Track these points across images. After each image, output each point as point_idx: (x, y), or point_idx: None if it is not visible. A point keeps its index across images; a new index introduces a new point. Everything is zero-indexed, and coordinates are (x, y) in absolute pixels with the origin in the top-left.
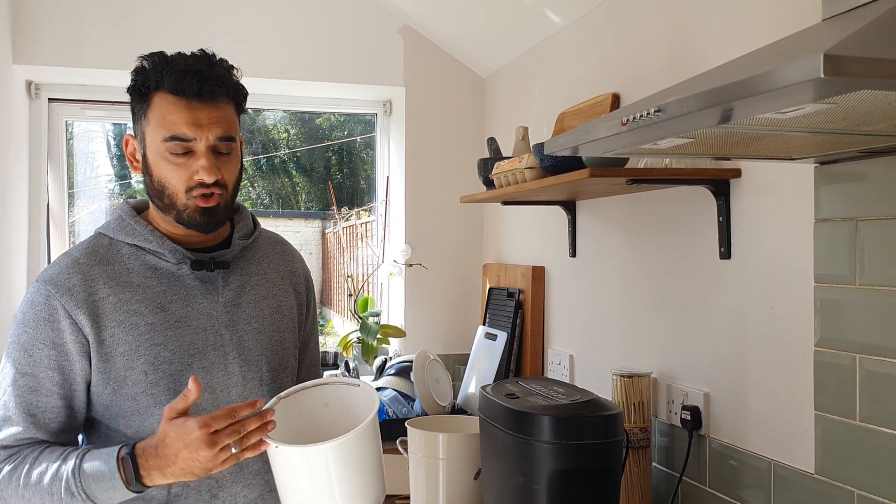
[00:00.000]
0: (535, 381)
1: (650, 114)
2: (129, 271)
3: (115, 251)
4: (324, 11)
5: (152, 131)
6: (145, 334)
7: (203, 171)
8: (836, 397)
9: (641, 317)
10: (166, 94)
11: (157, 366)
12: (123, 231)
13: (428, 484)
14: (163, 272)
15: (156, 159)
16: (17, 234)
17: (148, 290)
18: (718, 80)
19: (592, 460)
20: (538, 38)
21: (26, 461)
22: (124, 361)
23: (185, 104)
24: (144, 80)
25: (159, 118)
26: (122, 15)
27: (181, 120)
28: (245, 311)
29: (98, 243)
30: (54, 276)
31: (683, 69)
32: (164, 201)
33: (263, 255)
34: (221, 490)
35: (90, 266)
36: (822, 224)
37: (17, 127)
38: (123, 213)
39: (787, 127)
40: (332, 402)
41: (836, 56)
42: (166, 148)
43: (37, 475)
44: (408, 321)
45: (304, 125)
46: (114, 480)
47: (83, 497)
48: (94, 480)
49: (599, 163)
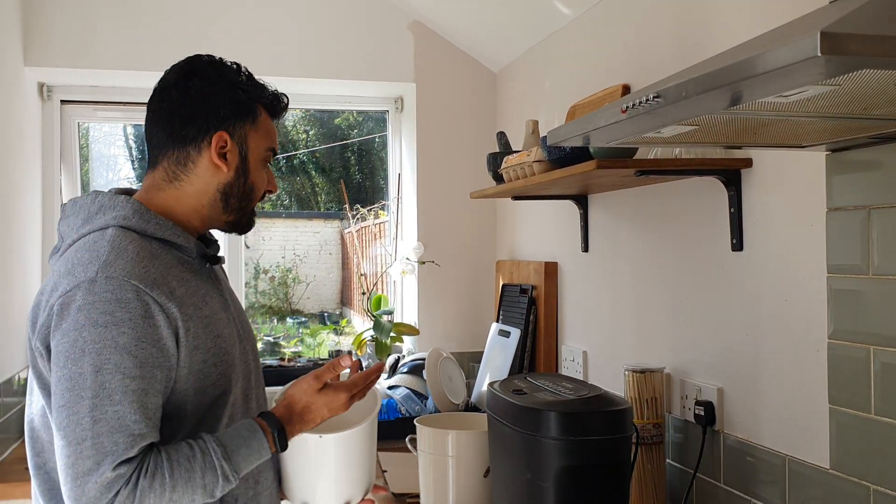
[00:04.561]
0: (544, 377)
1: (649, 100)
2: (170, 265)
3: (148, 244)
4: (334, 9)
5: (259, 138)
6: (208, 326)
7: (273, 182)
8: (850, 391)
9: (654, 311)
10: (264, 109)
11: (220, 357)
12: (150, 224)
13: (437, 482)
14: (190, 266)
15: (256, 165)
16: (31, 237)
17: (190, 283)
18: (717, 63)
19: (600, 456)
20: (549, 30)
21: (160, 464)
22: (201, 355)
23: (273, 123)
24: (251, 89)
25: (266, 129)
26: (133, 15)
27: (275, 135)
28: (236, 303)
29: (131, 237)
30: (133, 271)
31: (694, 58)
32: (241, 202)
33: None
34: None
35: (150, 258)
36: (835, 213)
37: (30, 129)
38: (137, 206)
39: (792, 111)
40: None
41: (833, 34)
42: (264, 157)
43: (183, 472)
44: (421, 319)
45: (322, 125)
46: (262, 450)
47: (235, 478)
48: (243, 458)
49: (607, 154)
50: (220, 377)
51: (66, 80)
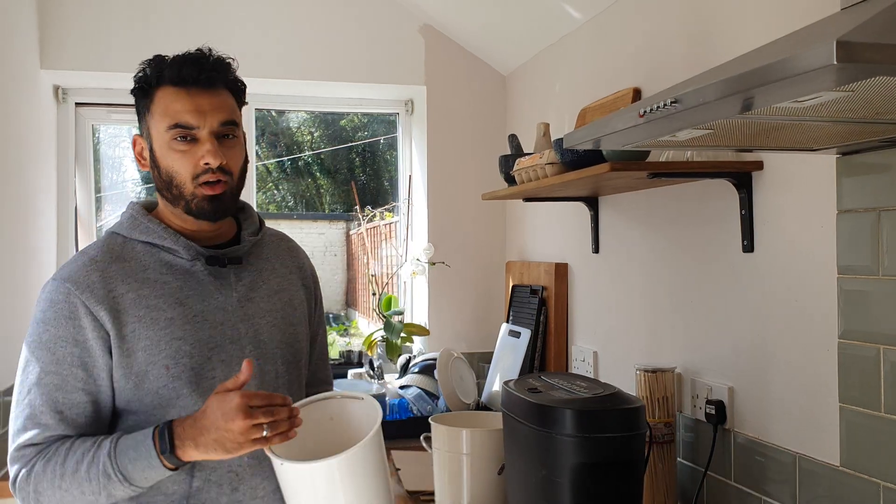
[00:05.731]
0: (558, 376)
1: (667, 105)
2: (146, 268)
3: (130, 249)
4: (345, 12)
5: (157, 123)
6: (165, 329)
7: (209, 155)
8: (860, 389)
9: (665, 312)
10: (167, 87)
11: (178, 360)
12: (137, 229)
13: (452, 479)
14: (178, 268)
15: (162, 151)
16: (47, 237)
17: (165, 285)
18: (734, 69)
19: (615, 453)
20: (559, 34)
21: (59, 453)
22: (146, 356)
23: (185, 93)
24: (146, 77)
25: (162, 109)
26: (147, 19)
27: (183, 108)
28: (259, 306)
29: (112, 242)
30: (72, 274)
31: (704, 62)
32: (172, 192)
33: (272, 251)
34: (241, 483)
35: (107, 263)
36: (845, 215)
37: (46, 131)
38: (135, 211)
39: (805, 116)
40: (336, 416)
41: (848, 42)
42: (171, 136)
43: (72, 464)
44: (431, 319)
45: (328, 127)
46: (150, 457)
47: (120, 478)
48: (129, 460)
49: (620, 157)
50: (174, 379)
51: (81, 82)
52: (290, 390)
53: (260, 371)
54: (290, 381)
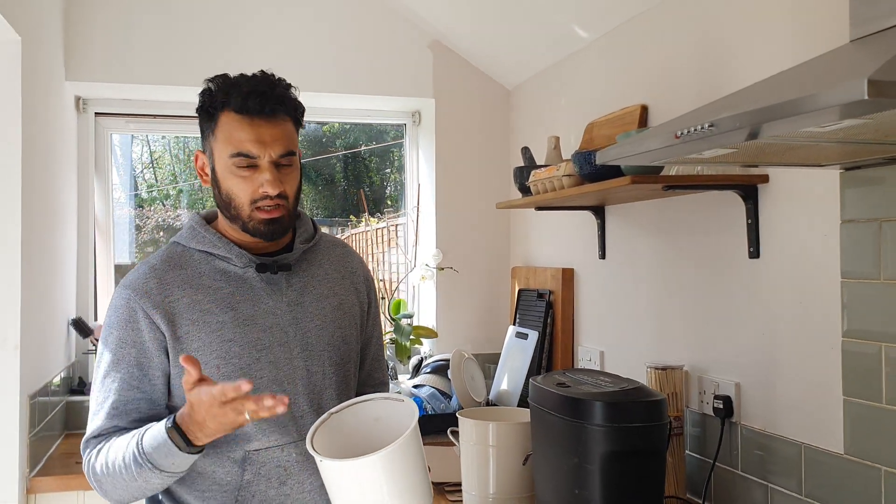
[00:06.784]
0: (582, 372)
1: (703, 128)
2: (201, 275)
3: (188, 257)
4: (360, 29)
5: (220, 148)
6: (216, 331)
7: (267, 185)
8: (863, 383)
9: (671, 314)
10: (232, 114)
11: (228, 360)
12: (194, 239)
13: (479, 470)
14: (231, 275)
15: (224, 173)
16: (68, 243)
17: (218, 291)
18: (767, 98)
19: (641, 442)
20: (565, 52)
21: (110, 444)
22: (198, 357)
23: (248, 122)
24: (211, 100)
25: (226, 136)
26: (169, 32)
27: (246, 137)
28: (308, 310)
29: (173, 251)
30: (133, 282)
31: (711, 83)
32: (230, 212)
33: (324, 256)
34: (290, 478)
35: (165, 271)
36: (848, 225)
37: (68, 141)
38: (194, 222)
39: (823, 138)
40: (382, 417)
41: (879, 81)
42: (232, 162)
43: (116, 456)
44: (439, 322)
45: (308, 133)
46: (169, 447)
47: (150, 467)
48: (154, 450)
49: (637, 170)
50: (224, 378)
51: (101, 93)
52: (338, 390)
53: (307, 372)
54: (337, 382)
